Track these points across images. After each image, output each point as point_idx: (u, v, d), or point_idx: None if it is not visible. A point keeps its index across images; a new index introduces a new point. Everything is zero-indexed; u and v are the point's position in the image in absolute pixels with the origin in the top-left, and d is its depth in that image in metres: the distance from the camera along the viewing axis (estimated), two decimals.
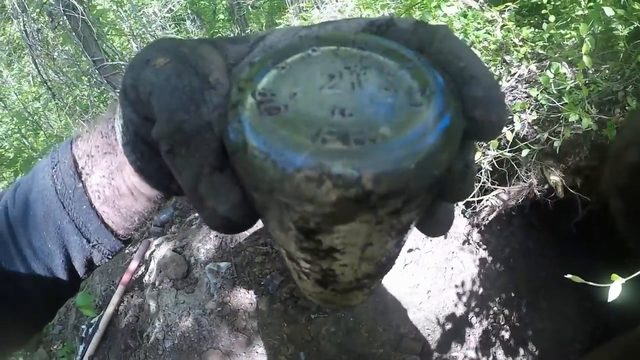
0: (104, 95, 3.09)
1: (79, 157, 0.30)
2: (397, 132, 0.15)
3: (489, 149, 2.17)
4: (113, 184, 0.29)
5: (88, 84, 2.90)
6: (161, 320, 1.99)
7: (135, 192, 0.29)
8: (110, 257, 0.35)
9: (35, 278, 0.32)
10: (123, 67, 2.43)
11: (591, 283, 1.10)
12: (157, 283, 2.01)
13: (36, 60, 2.85)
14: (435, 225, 0.21)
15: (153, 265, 2.07)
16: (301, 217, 0.15)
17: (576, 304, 2.54)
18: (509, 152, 2.14)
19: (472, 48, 2.18)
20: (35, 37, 2.72)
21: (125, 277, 2.13)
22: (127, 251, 2.23)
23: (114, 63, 2.36)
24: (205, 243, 1.99)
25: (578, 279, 1.10)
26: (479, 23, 2.61)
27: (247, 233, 1.97)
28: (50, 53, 3.03)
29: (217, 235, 1.96)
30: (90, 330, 2.23)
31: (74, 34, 2.24)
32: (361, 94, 0.16)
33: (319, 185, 0.14)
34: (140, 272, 2.15)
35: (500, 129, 0.18)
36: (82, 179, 0.30)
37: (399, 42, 0.19)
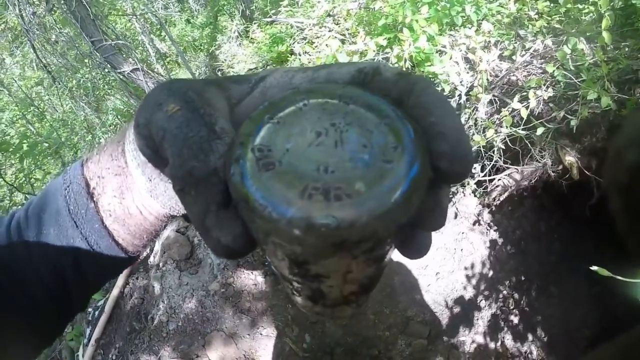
0: (107, 78, 3.05)
1: (90, 179, 0.32)
2: (370, 188, 0.18)
3: (502, 126, 2.09)
4: (123, 204, 0.31)
5: (89, 66, 2.86)
6: (165, 302, 1.97)
7: (144, 212, 0.32)
8: (120, 272, 0.38)
9: (48, 293, 0.33)
10: (123, 47, 2.39)
11: (619, 277, 1.03)
12: (161, 264, 1.99)
13: (34, 45, 2.81)
14: (414, 249, 0.23)
15: (157, 247, 2.04)
16: (292, 253, 0.19)
17: (586, 289, 2.48)
18: (522, 129, 2.05)
19: (485, 21, 2.06)
20: (31, 21, 2.68)
21: None
22: None
23: (113, 43, 2.31)
24: None
25: (605, 272, 1.03)
26: None
27: None
28: (48, 36, 3.00)
29: None
30: (97, 313, 2.24)
31: (70, 15, 2.19)
32: (342, 151, 0.19)
33: (306, 233, 0.17)
34: (145, 254, 2.13)
35: (465, 176, 0.20)
36: (94, 199, 0.32)
37: (382, 91, 0.22)
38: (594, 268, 1.07)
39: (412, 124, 0.20)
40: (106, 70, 2.48)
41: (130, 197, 0.31)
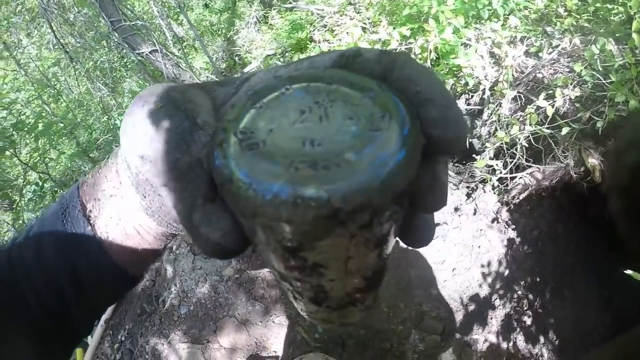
0: (125, 60, 3.03)
1: (86, 201, 0.31)
2: (360, 156, 0.17)
3: (525, 124, 2.04)
4: (120, 225, 0.31)
5: (107, 47, 2.84)
6: (177, 286, 1.96)
7: (142, 232, 0.31)
8: (123, 294, 0.38)
9: (50, 316, 0.33)
10: (142, 28, 2.36)
11: None
12: (174, 247, 1.98)
13: (52, 25, 2.79)
14: (415, 236, 0.22)
15: None
16: (283, 236, 0.17)
17: (598, 293, 2.44)
18: (547, 128, 2.01)
19: (512, 15, 2.01)
20: (50, 1, 2.66)
21: None
22: None
23: (132, 23, 2.28)
24: None
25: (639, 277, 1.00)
26: None
27: None
28: (66, 17, 2.98)
29: None
30: None
31: None
32: (328, 125, 0.18)
33: (294, 208, 0.16)
34: (162, 255, 2.12)
35: (460, 143, 0.19)
36: (91, 222, 0.31)
37: (365, 71, 0.21)
38: (629, 272, 1.04)
39: (398, 95, 0.19)
40: (124, 51, 2.45)
41: (127, 218, 0.30)
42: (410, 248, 1.96)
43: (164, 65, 2.30)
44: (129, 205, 0.29)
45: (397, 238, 0.22)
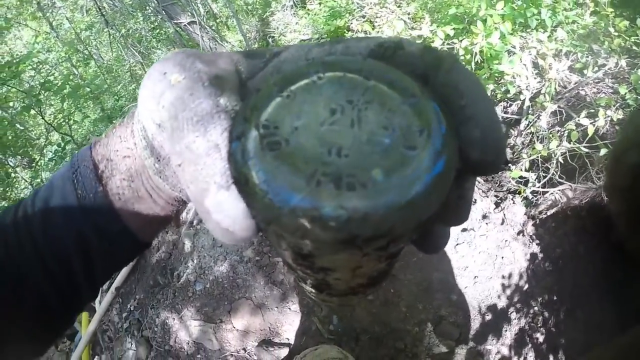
0: (157, 31, 3.00)
1: (98, 161, 0.30)
2: (388, 177, 0.15)
3: (563, 140, 2.00)
4: (132, 187, 0.30)
5: (143, 15, 2.81)
6: (195, 262, 1.95)
7: (154, 195, 0.30)
8: (130, 260, 0.36)
9: (55, 284, 0.32)
10: None
11: None
12: (195, 222, 1.97)
13: None
14: (430, 245, 0.21)
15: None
16: (295, 245, 0.17)
17: (612, 320, 2.41)
18: (585, 147, 1.96)
19: (560, 28, 1.96)
20: None
21: None
22: None
23: None
24: None
25: None
26: (568, 4, 2.37)
27: None
28: None
29: None
30: None
31: None
32: (359, 131, 0.17)
33: (312, 226, 0.15)
34: (170, 221, 2.11)
35: (497, 168, 0.18)
36: (103, 182, 0.30)
37: (406, 67, 0.19)
38: None
39: (440, 106, 0.17)
40: (160, 18, 2.42)
41: (140, 180, 0.29)
42: None
43: (200, 38, 2.27)
44: (142, 167, 0.29)
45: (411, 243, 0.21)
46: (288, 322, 1.75)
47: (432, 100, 0.17)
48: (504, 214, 2.03)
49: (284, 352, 1.70)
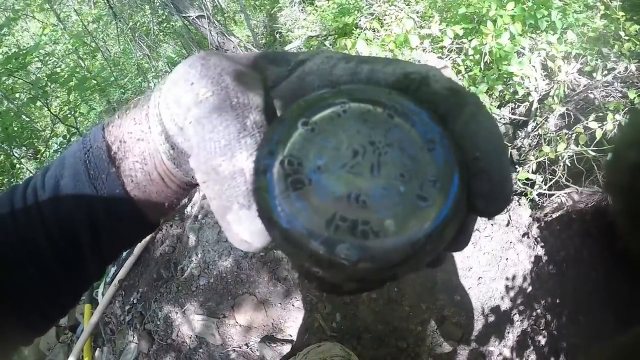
0: (165, 24, 3.00)
1: (111, 143, 0.30)
2: (399, 228, 0.17)
3: (571, 142, 1.99)
4: (145, 169, 0.30)
5: (153, 7, 2.80)
6: (199, 256, 1.95)
7: (166, 178, 0.30)
8: (139, 241, 0.37)
9: (63, 261, 0.32)
10: None
11: None
12: (200, 216, 1.97)
13: None
14: (429, 265, 0.22)
15: (197, 197, 2.01)
16: (309, 269, 0.18)
17: (613, 328, 2.40)
18: (592, 150, 1.95)
19: (570, 30, 1.94)
20: None
21: None
22: None
23: None
24: None
25: None
26: (579, 6, 2.35)
27: None
28: None
29: None
30: (125, 253, 2.23)
31: None
32: (378, 178, 0.18)
33: (326, 264, 0.17)
34: (182, 202, 2.11)
35: (498, 213, 0.19)
36: (116, 164, 0.30)
37: (429, 104, 0.20)
38: None
39: (455, 152, 0.19)
40: (168, 11, 2.41)
41: (153, 163, 0.30)
42: None
43: (209, 32, 2.26)
44: (155, 152, 0.29)
45: None
46: (291, 318, 1.75)
47: (450, 148, 0.18)
48: (510, 216, 2.02)
49: (287, 348, 1.70)
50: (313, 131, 0.18)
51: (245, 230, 0.20)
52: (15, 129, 2.88)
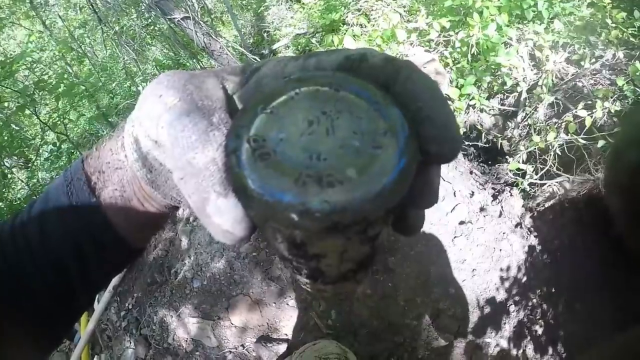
0: (152, 27, 2.98)
1: (91, 174, 0.31)
2: (360, 174, 0.19)
3: (560, 132, 1.99)
4: (125, 196, 0.31)
5: (137, 11, 2.78)
6: (192, 259, 1.94)
7: (146, 203, 0.32)
8: (125, 267, 0.38)
9: (52, 292, 0.33)
10: None
11: None
12: (191, 219, 1.96)
13: None
14: (406, 228, 0.24)
15: None
16: (290, 236, 0.20)
17: (610, 315, 2.40)
18: (582, 138, 1.95)
19: (557, 20, 1.94)
20: None
21: None
22: None
23: None
24: None
25: None
26: None
27: None
28: None
29: None
30: None
31: None
32: (334, 139, 0.20)
33: (301, 218, 0.18)
34: (163, 226, 2.10)
35: (454, 157, 0.21)
36: (96, 193, 0.31)
37: (370, 77, 0.22)
38: None
39: (400, 109, 0.20)
40: (152, 17, 2.40)
41: (132, 189, 0.31)
42: (432, 244, 1.92)
43: (195, 34, 2.25)
44: (133, 178, 0.30)
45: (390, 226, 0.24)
46: (286, 317, 1.74)
47: (393, 105, 0.20)
48: (502, 207, 2.02)
49: (283, 347, 1.70)
50: (272, 114, 0.21)
51: (226, 220, 0.21)
52: (5, 138, 2.85)
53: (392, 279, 1.75)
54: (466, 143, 2.35)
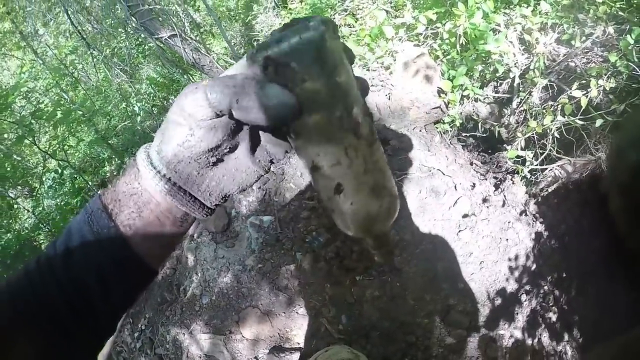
0: (143, 47, 2.99)
1: (108, 203, 0.36)
2: (304, 32, 0.32)
3: (557, 114, 1.96)
4: (142, 215, 0.35)
5: (125, 33, 2.80)
6: (199, 275, 1.95)
7: (162, 218, 0.36)
8: (144, 287, 0.41)
9: (75, 311, 0.35)
10: (160, 11, 2.31)
11: None
12: (195, 235, 1.96)
13: (69, 12, 2.76)
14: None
15: None
16: (299, 76, 0.31)
17: (622, 297, 2.37)
18: (579, 119, 1.93)
19: (543, 1, 1.91)
20: None
21: None
22: None
23: (150, 7, 2.23)
24: (248, 195, 1.90)
25: None
26: None
27: (293, 186, 1.86)
28: (83, 4, 2.94)
29: (260, 187, 1.87)
30: None
31: None
32: (290, 36, 0.33)
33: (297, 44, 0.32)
34: (178, 244, 2.10)
35: None
36: (113, 218, 0.35)
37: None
38: None
39: None
40: (142, 36, 2.41)
41: (148, 208, 0.35)
42: (437, 240, 1.91)
43: (183, 50, 2.26)
44: (149, 198, 0.35)
45: None
46: (297, 326, 1.74)
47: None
48: (505, 196, 2.00)
49: (296, 356, 1.70)
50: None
51: (269, 97, 0.29)
52: (8, 169, 2.89)
53: (400, 278, 1.74)
54: (464, 134, 2.33)
